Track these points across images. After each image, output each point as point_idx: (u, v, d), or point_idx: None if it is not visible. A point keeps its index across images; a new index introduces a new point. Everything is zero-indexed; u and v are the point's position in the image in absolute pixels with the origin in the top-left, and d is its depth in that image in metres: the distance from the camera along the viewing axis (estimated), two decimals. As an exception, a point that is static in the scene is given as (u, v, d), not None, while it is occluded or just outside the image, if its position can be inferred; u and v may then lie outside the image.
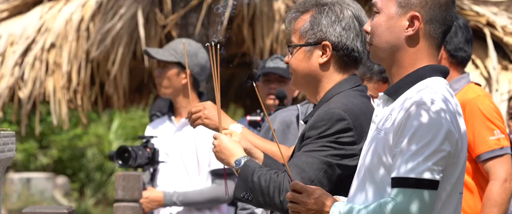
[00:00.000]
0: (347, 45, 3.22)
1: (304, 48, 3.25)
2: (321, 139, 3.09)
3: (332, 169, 3.07)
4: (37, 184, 14.47)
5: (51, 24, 7.83)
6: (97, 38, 7.61)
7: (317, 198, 2.68)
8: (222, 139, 3.31)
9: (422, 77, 2.70)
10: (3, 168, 3.96)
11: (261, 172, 3.15)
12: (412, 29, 2.71)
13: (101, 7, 7.71)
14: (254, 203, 3.18)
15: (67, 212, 3.03)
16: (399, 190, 2.55)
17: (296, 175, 3.06)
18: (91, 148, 15.83)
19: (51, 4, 8.03)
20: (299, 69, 3.26)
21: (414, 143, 2.56)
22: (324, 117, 3.11)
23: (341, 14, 3.23)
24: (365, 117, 3.13)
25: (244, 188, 3.18)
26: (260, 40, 7.65)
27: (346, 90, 3.21)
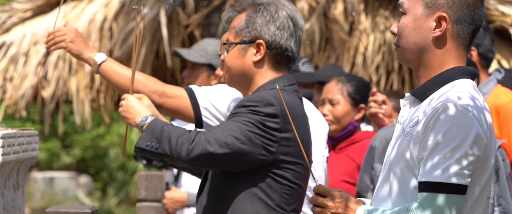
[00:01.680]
0: (281, 44, 3.31)
1: (239, 46, 3.33)
2: (248, 114, 3.15)
3: (248, 145, 3.12)
4: (60, 183, 14.52)
5: (74, 23, 7.84)
6: (120, 38, 7.62)
7: (341, 201, 2.66)
8: (130, 99, 3.33)
9: (450, 79, 2.66)
10: (27, 167, 3.97)
11: (171, 126, 3.18)
12: (439, 30, 2.67)
13: (124, 6, 7.72)
14: (158, 152, 3.16)
15: (90, 211, 3.03)
16: (427, 195, 2.51)
17: (214, 132, 3.11)
18: (114, 147, 15.87)
19: (74, 4, 8.05)
20: (233, 66, 3.34)
21: (442, 147, 2.52)
22: (253, 98, 3.19)
23: (276, 14, 3.32)
24: (295, 112, 3.20)
25: (150, 138, 3.18)
26: (283, 40, 7.62)
27: (280, 88, 3.24)
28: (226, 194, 3.23)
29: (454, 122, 2.53)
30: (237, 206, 3.21)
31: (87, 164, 15.91)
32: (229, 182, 3.23)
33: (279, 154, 3.19)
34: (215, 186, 3.27)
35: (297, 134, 3.17)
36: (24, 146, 3.74)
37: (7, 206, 3.74)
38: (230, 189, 3.23)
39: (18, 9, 8.30)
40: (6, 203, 3.72)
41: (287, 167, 3.22)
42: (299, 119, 3.25)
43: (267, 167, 3.19)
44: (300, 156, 3.24)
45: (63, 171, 15.46)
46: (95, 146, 15.82)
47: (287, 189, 3.23)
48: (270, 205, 3.21)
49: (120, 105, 3.36)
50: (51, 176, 14.64)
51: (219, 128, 3.17)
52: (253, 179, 3.20)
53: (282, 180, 3.22)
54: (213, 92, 3.74)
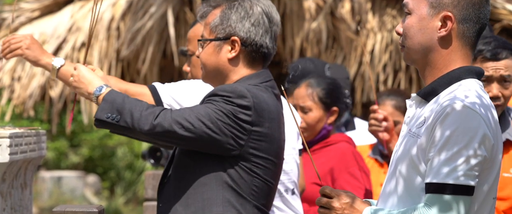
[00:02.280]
0: (256, 41, 3.27)
1: (214, 43, 3.30)
2: (221, 103, 3.13)
3: (214, 133, 3.10)
4: (68, 182, 14.54)
5: (81, 23, 7.86)
6: (128, 37, 7.63)
7: (347, 203, 2.64)
8: (81, 69, 3.29)
9: (456, 79, 2.64)
10: (34, 166, 3.98)
11: (133, 98, 3.15)
12: (444, 29, 2.65)
13: (131, 6, 7.73)
14: (119, 125, 3.12)
15: (97, 211, 3.04)
16: (433, 196, 2.50)
17: (183, 113, 3.09)
18: (121, 146, 15.89)
19: (82, 3, 8.06)
20: (208, 63, 3.31)
21: (449, 148, 2.50)
22: (226, 88, 3.16)
23: (251, 10, 3.28)
24: (268, 108, 3.17)
25: (110, 109, 3.13)
26: (290, 39, 7.63)
27: (254, 84, 3.23)
28: (195, 181, 3.19)
29: (460, 122, 2.52)
30: (207, 193, 3.17)
31: (94, 163, 15.92)
32: (199, 170, 3.19)
33: (249, 148, 3.16)
34: (183, 173, 3.23)
35: (270, 131, 3.16)
36: (32, 146, 3.75)
37: (15, 205, 3.75)
38: (200, 177, 3.18)
39: (25, 9, 8.32)
40: (14, 202, 3.73)
41: (256, 162, 3.19)
42: (272, 115, 3.21)
43: (236, 158, 3.16)
44: (271, 152, 3.21)
45: (71, 170, 15.49)
46: (102, 145, 15.84)
47: (257, 182, 3.20)
48: (240, 194, 3.18)
49: (71, 76, 3.32)
50: (59, 175, 14.66)
51: (189, 109, 3.14)
52: (224, 167, 3.17)
53: (252, 173, 3.19)
54: (176, 89, 3.71)
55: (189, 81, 3.84)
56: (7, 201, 3.64)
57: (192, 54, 3.92)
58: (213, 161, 3.17)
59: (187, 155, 3.22)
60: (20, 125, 11.91)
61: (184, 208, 3.19)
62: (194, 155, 3.20)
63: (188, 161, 3.21)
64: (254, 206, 3.21)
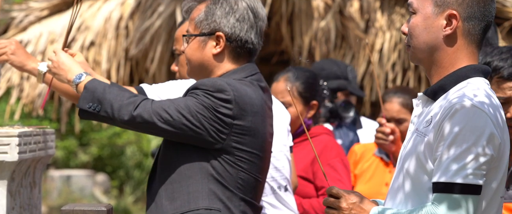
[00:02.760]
0: (240, 36, 3.26)
1: (199, 38, 3.28)
2: (202, 96, 3.12)
3: (194, 126, 3.09)
4: (77, 181, 14.56)
5: (90, 22, 7.87)
6: (136, 36, 7.64)
7: (354, 203, 2.63)
8: (61, 55, 3.28)
9: (462, 78, 2.63)
10: (43, 165, 3.99)
11: (114, 88, 3.14)
12: (450, 28, 2.64)
13: (140, 5, 7.74)
14: (100, 116, 3.13)
15: (106, 210, 3.04)
16: (441, 195, 2.50)
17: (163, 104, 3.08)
18: (130, 145, 15.91)
19: (91, 3, 8.07)
20: (193, 58, 3.29)
21: (455, 147, 2.50)
22: (206, 82, 3.16)
23: (235, 6, 3.26)
24: (251, 101, 3.16)
25: (91, 99, 3.13)
26: (299, 38, 7.62)
27: (239, 79, 3.22)
28: (180, 174, 3.18)
29: (467, 121, 2.51)
30: (192, 186, 3.16)
31: (104, 162, 15.94)
32: (183, 163, 3.18)
33: (232, 142, 3.15)
34: (168, 167, 3.22)
35: (254, 124, 3.14)
36: (41, 144, 3.76)
37: (24, 204, 3.75)
38: (184, 170, 3.17)
39: (35, 8, 8.34)
40: (23, 201, 3.74)
41: (240, 155, 3.18)
42: (255, 108, 3.19)
43: (220, 152, 3.15)
44: (255, 146, 3.20)
45: (80, 169, 15.51)
46: (111, 144, 15.86)
47: (243, 176, 3.19)
48: (226, 186, 3.17)
49: (49, 60, 3.31)
50: (68, 174, 14.68)
51: (169, 101, 3.14)
52: (208, 160, 3.16)
53: (237, 166, 3.18)
54: (164, 90, 3.71)
55: (177, 81, 3.85)
56: (16, 200, 3.65)
57: (180, 54, 3.92)
58: (197, 153, 3.16)
59: (171, 149, 3.21)
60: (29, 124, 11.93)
61: (170, 202, 3.18)
62: (178, 148, 3.19)
63: (172, 154, 3.21)
64: (241, 199, 3.19)
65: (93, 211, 3.03)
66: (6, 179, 3.48)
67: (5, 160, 3.44)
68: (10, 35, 8.18)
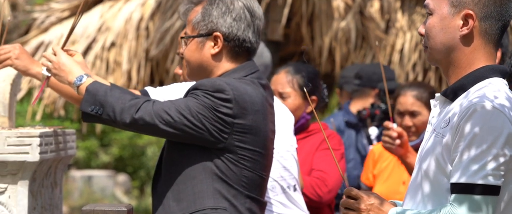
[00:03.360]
0: (238, 36, 3.26)
1: (197, 39, 3.29)
2: (202, 97, 3.13)
3: (195, 126, 3.09)
4: (98, 181, 14.61)
5: (111, 23, 7.90)
6: (157, 37, 7.66)
7: (372, 204, 2.62)
8: (61, 56, 3.28)
9: (480, 78, 2.62)
10: (64, 165, 4.00)
11: (116, 90, 3.14)
12: (466, 28, 2.62)
13: (160, 6, 7.76)
14: (103, 118, 3.14)
15: (126, 210, 3.05)
16: (459, 196, 2.48)
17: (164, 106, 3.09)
18: (151, 146, 15.95)
19: (111, 3, 8.10)
20: (192, 60, 3.30)
21: (473, 148, 2.48)
22: (205, 83, 3.16)
23: (232, 5, 3.27)
24: (251, 100, 3.17)
25: (93, 102, 3.14)
26: (319, 38, 7.62)
27: (239, 78, 3.22)
28: (185, 175, 3.18)
29: (485, 122, 2.49)
30: (197, 186, 3.17)
31: (125, 162, 15.99)
32: (187, 163, 3.19)
33: (234, 141, 3.15)
34: (172, 168, 3.23)
35: (255, 123, 3.14)
36: (62, 145, 3.77)
37: (45, 204, 3.77)
38: (188, 170, 3.18)
39: (55, 9, 8.38)
40: (44, 201, 3.76)
41: (243, 154, 3.18)
42: (256, 107, 3.20)
43: (222, 151, 3.16)
44: (257, 144, 3.20)
45: (101, 169, 15.56)
46: (132, 144, 15.90)
47: (247, 174, 3.19)
48: (231, 185, 3.17)
49: (49, 60, 3.31)
50: (90, 175, 14.73)
51: (170, 102, 3.14)
52: (211, 159, 3.17)
53: (240, 164, 3.18)
54: (168, 92, 3.71)
55: (181, 83, 3.86)
56: (37, 200, 3.67)
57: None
58: (200, 153, 3.17)
59: (174, 149, 3.22)
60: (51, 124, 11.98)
61: (177, 203, 3.19)
62: (181, 148, 3.20)
63: (175, 155, 3.22)
64: (247, 196, 3.20)
65: (113, 211, 3.04)
66: (27, 179, 3.50)
67: (27, 160, 3.46)
68: (32, 36, 8.22)
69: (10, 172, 3.50)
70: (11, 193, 3.50)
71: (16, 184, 3.50)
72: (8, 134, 3.46)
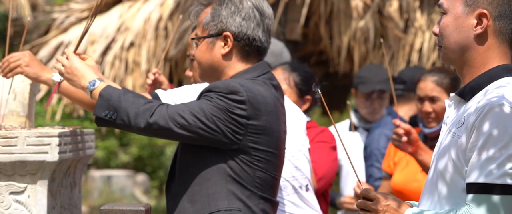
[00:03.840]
0: (248, 35, 3.27)
1: (207, 40, 3.30)
2: (215, 99, 3.13)
3: (209, 128, 3.10)
4: (117, 181, 14.66)
5: (130, 23, 7.92)
6: (175, 37, 7.67)
7: (388, 205, 2.61)
8: (74, 60, 3.29)
9: (495, 78, 2.61)
10: (83, 165, 4.02)
11: (129, 94, 3.14)
12: (480, 27, 2.62)
13: (179, 6, 7.77)
14: (117, 123, 3.14)
15: (144, 209, 3.06)
16: (474, 196, 2.47)
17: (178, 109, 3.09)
18: (170, 146, 15.98)
19: (130, 4, 8.13)
20: (203, 60, 3.31)
21: (489, 147, 2.47)
22: (219, 84, 3.17)
23: (241, 5, 3.28)
24: (265, 100, 3.17)
25: (107, 106, 3.15)
26: (338, 38, 7.61)
27: (251, 78, 3.22)
28: (199, 176, 3.19)
29: (500, 121, 2.48)
30: (211, 188, 3.18)
31: (144, 162, 16.03)
32: (201, 165, 3.19)
33: (248, 142, 3.16)
34: (186, 169, 3.23)
35: (268, 123, 3.14)
36: (80, 145, 3.79)
37: (64, 204, 3.79)
38: (202, 172, 3.19)
39: (75, 9, 8.41)
40: (63, 200, 3.78)
41: (257, 155, 3.18)
42: (269, 107, 3.20)
43: (236, 152, 3.16)
44: (271, 145, 3.21)
45: (121, 169, 15.61)
46: (152, 144, 15.95)
47: (260, 174, 3.20)
48: (245, 186, 3.18)
49: (62, 64, 3.32)
50: (109, 174, 14.78)
51: (184, 106, 3.15)
52: (225, 161, 3.17)
53: (254, 165, 3.19)
54: (178, 95, 3.72)
55: (191, 85, 3.87)
56: (57, 200, 3.69)
57: (194, 59, 3.95)
58: (213, 155, 3.18)
59: (188, 151, 3.23)
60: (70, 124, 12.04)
61: (192, 204, 3.20)
62: (195, 150, 3.21)
63: (189, 156, 3.23)
64: (260, 197, 3.21)
65: (131, 211, 3.05)
66: (46, 178, 3.52)
67: (46, 160, 3.48)
68: (51, 37, 8.26)
69: (29, 172, 3.52)
70: (30, 193, 3.52)
71: (36, 183, 3.52)
72: (27, 133, 3.48)
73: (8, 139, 3.47)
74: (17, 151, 3.47)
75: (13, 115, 4.03)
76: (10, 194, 3.52)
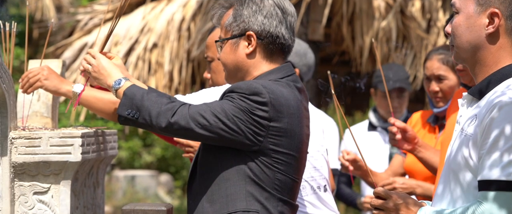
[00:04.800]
0: (271, 32, 3.26)
1: (231, 41, 3.30)
2: (237, 100, 3.12)
3: (230, 129, 3.09)
4: (141, 181, 14.71)
5: (153, 24, 7.96)
6: (198, 37, 7.70)
7: (401, 204, 2.64)
8: (101, 60, 3.31)
9: (507, 76, 2.62)
10: (106, 165, 4.05)
11: (153, 94, 3.15)
12: (492, 26, 2.63)
13: (201, 7, 7.80)
14: (139, 122, 3.15)
15: (166, 209, 3.08)
16: (486, 193, 2.49)
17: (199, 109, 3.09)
18: (194, 146, 16.00)
19: (154, 5, 8.17)
20: (228, 62, 3.31)
21: (500, 145, 2.48)
22: (241, 85, 3.16)
23: (262, 4, 3.28)
24: (287, 103, 3.15)
25: (130, 105, 3.16)
26: (360, 38, 7.60)
27: (275, 79, 3.21)
28: (218, 177, 3.20)
29: (511, 119, 2.49)
30: (230, 189, 3.18)
31: (167, 162, 16.07)
32: (221, 165, 3.20)
33: (269, 144, 3.15)
34: (206, 170, 3.24)
35: (290, 126, 3.14)
36: (103, 145, 3.82)
37: (87, 204, 3.82)
38: (222, 172, 3.19)
39: (99, 10, 8.46)
40: (87, 200, 3.80)
41: (277, 157, 3.18)
42: (291, 110, 3.19)
43: (257, 154, 3.16)
44: (292, 148, 3.20)
45: (144, 169, 15.66)
46: (175, 144, 15.97)
47: (280, 177, 3.19)
48: (264, 187, 3.18)
49: (88, 63, 3.35)
50: (133, 175, 14.84)
51: (206, 106, 3.15)
52: (245, 162, 3.17)
53: (274, 168, 3.18)
54: (196, 99, 3.73)
55: (209, 89, 3.87)
56: (80, 200, 3.71)
57: (212, 61, 3.95)
58: (234, 156, 3.18)
59: (209, 151, 3.24)
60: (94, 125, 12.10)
61: (210, 204, 3.21)
62: (216, 151, 3.21)
63: (210, 157, 3.23)
64: (279, 199, 3.20)
65: (153, 211, 3.07)
66: (70, 179, 3.55)
67: (69, 160, 3.51)
68: (75, 38, 8.32)
69: (53, 172, 3.55)
70: (54, 193, 3.55)
71: (59, 183, 3.55)
72: (51, 134, 3.52)
73: (32, 140, 3.51)
74: (41, 151, 3.51)
75: (37, 115, 4.07)
76: (33, 194, 3.56)
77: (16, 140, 3.50)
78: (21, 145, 3.50)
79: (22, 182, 3.54)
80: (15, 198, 3.54)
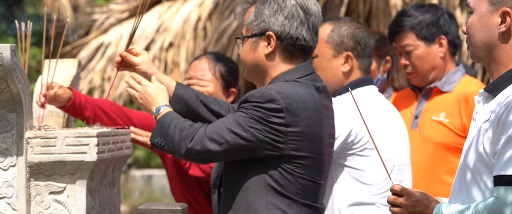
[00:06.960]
0: (291, 34, 3.21)
1: (251, 40, 3.26)
2: (251, 110, 3.09)
3: (249, 141, 3.07)
4: (158, 181, 14.73)
5: (169, 23, 7.96)
6: (214, 37, 7.69)
7: (418, 200, 2.66)
8: (148, 87, 3.34)
9: None
10: (122, 165, 4.05)
11: (178, 121, 3.17)
12: (504, 25, 2.66)
13: (217, 6, 7.79)
14: (166, 150, 3.19)
15: (181, 209, 3.08)
16: (501, 188, 2.51)
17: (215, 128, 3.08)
18: (210, 145, 16.02)
19: (170, 4, 8.17)
20: (247, 60, 3.28)
21: None
22: (254, 94, 3.13)
23: (283, 4, 3.22)
24: (304, 105, 3.11)
25: (159, 133, 3.20)
26: (377, 36, 7.57)
27: (293, 79, 3.18)
28: (240, 186, 3.17)
29: None
30: (250, 198, 3.15)
31: (184, 162, 16.10)
32: (242, 174, 3.18)
33: (289, 150, 3.12)
34: (229, 179, 3.22)
35: (309, 128, 3.10)
36: (119, 144, 3.82)
37: (103, 203, 3.82)
38: (243, 181, 3.17)
39: (115, 10, 8.48)
40: (102, 200, 3.80)
41: (298, 162, 3.15)
42: (309, 112, 3.15)
43: (278, 161, 3.13)
44: (312, 150, 3.16)
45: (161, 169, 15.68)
46: (192, 144, 16.00)
47: (301, 181, 3.16)
48: (285, 194, 3.15)
49: (134, 88, 3.36)
50: (149, 174, 14.86)
51: (222, 122, 3.13)
52: (266, 170, 3.14)
53: (295, 173, 3.15)
54: None
55: None
56: (95, 199, 3.71)
57: None
58: (254, 164, 3.15)
59: (231, 161, 3.22)
60: (111, 124, 12.09)
61: (233, 213, 3.20)
62: (237, 160, 3.19)
63: (232, 166, 3.22)
64: (302, 204, 3.17)
65: (168, 210, 3.07)
66: (85, 178, 3.55)
67: (85, 160, 3.51)
68: (92, 37, 8.33)
69: (68, 172, 3.55)
70: (69, 192, 3.56)
71: (75, 183, 3.55)
72: (66, 134, 3.52)
73: (48, 139, 3.51)
74: (56, 151, 3.51)
75: (52, 115, 4.07)
76: (49, 194, 3.56)
77: (32, 139, 3.50)
78: (37, 145, 3.50)
79: (38, 182, 3.54)
80: (31, 198, 3.54)
